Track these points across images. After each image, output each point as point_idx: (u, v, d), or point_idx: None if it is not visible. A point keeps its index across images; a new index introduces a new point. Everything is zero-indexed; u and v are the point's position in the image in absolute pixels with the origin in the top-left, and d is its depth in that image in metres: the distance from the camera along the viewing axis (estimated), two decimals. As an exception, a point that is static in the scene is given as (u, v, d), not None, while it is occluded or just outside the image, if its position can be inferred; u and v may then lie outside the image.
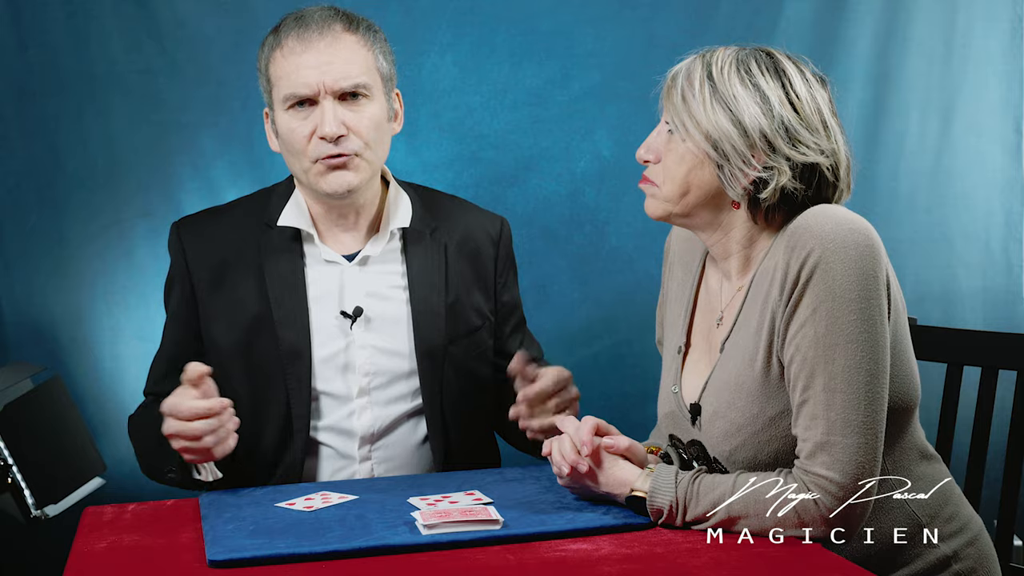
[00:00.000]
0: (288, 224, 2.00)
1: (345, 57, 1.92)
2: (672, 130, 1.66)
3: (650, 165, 1.69)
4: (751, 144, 1.61)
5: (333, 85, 1.90)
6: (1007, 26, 3.12)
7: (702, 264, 1.82)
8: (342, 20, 1.94)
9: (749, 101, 1.61)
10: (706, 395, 1.70)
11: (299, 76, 1.91)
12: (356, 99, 1.93)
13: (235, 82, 2.85)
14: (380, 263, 2.03)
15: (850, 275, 1.54)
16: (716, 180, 1.64)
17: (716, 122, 1.61)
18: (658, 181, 1.68)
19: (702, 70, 1.64)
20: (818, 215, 1.58)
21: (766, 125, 1.61)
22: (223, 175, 2.88)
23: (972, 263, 3.14)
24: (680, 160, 1.65)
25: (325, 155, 1.92)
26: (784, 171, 1.61)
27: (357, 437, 1.99)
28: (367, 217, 2.03)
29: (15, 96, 2.79)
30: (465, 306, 2.06)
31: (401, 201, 2.06)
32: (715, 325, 1.74)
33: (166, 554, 1.55)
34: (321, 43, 1.91)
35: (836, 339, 1.54)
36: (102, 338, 2.84)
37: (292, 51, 1.92)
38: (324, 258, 2.00)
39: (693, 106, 1.63)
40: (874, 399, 1.54)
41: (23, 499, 2.15)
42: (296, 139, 1.93)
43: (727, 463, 1.66)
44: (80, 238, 2.84)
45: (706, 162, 1.63)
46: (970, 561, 1.68)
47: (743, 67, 1.63)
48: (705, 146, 1.62)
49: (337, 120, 1.90)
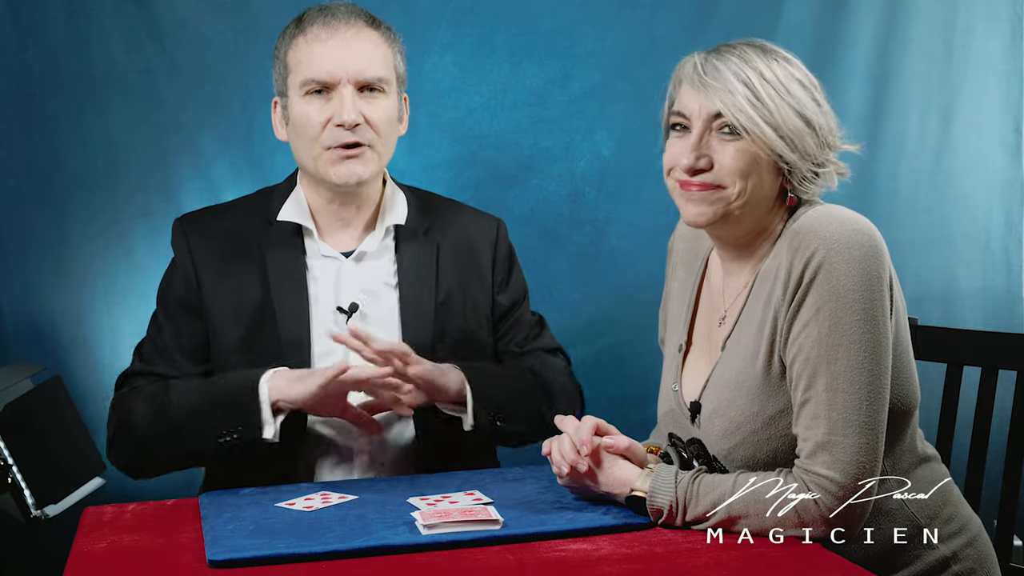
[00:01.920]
0: (288, 219, 2.05)
1: (369, 50, 1.99)
2: (737, 132, 1.61)
3: (703, 173, 1.64)
4: (819, 140, 1.63)
5: (356, 75, 1.96)
6: (1007, 26, 3.12)
7: (704, 263, 1.81)
8: (366, 17, 2.02)
9: (807, 99, 1.62)
10: (706, 393, 1.70)
11: (323, 62, 1.96)
12: (373, 92, 1.99)
13: (235, 82, 2.85)
14: (374, 259, 2.07)
15: (854, 276, 1.54)
16: (778, 177, 1.64)
17: (791, 123, 1.61)
18: (725, 182, 1.63)
19: (750, 70, 1.61)
20: (822, 215, 1.58)
21: (823, 121, 1.63)
22: (223, 175, 2.87)
23: (972, 263, 3.14)
24: (753, 162, 1.62)
25: (340, 143, 1.96)
26: (835, 162, 1.64)
27: (354, 428, 2.00)
28: (365, 214, 2.07)
29: (15, 96, 2.79)
30: (457, 306, 2.07)
31: (397, 199, 2.10)
32: (717, 324, 1.74)
33: (166, 554, 1.55)
34: (348, 33, 1.98)
35: (839, 339, 1.54)
36: (102, 338, 2.84)
37: (317, 38, 1.97)
38: (321, 253, 2.04)
39: (770, 108, 1.60)
40: (876, 399, 1.54)
41: (23, 499, 2.15)
42: (311, 125, 1.97)
43: (725, 461, 1.66)
44: (80, 238, 2.84)
45: (772, 163, 1.63)
46: (969, 562, 1.68)
47: (783, 63, 1.63)
48: (782, 147, 1.61)
49: (356, 109, 1.95)
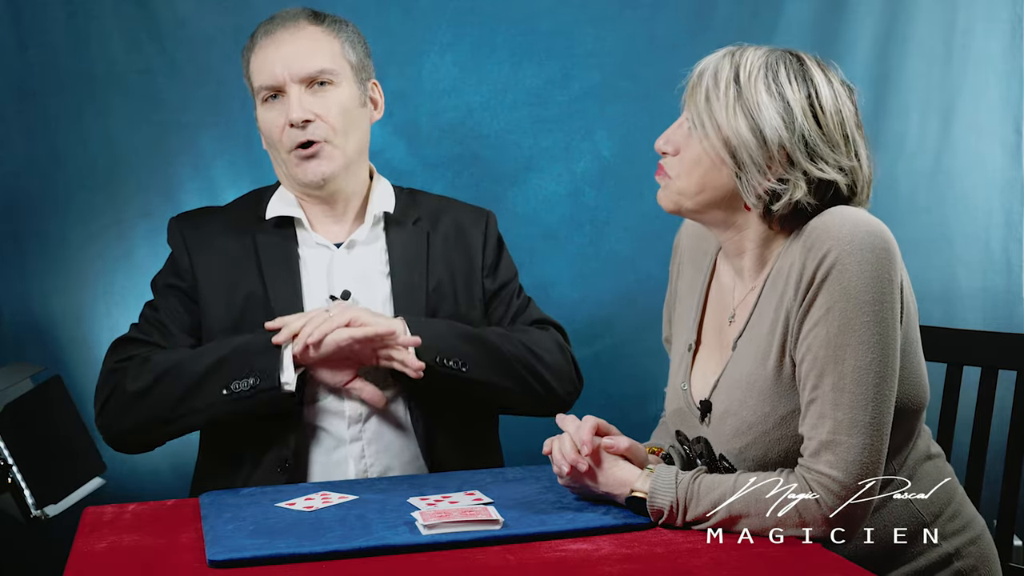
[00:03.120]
0: (277, 214, 2.09)
1: (308, 46, 2.03)
2: (692, 128, 1.65)
3: (667, 157, 1.68)
4: (769, 155, 1.60)
5: (298, 72, 2.01)
6: (1007, 26, 3.12)
7: (713, 261, 1.81)
8: (307, 15, 2.06)
9: (772, 111, 1.60)
10: (717, 393, 1.70)
11: (267, 67, 2.03)
12: (323, 87, 2.03)
13: (235, 82, 2.82)
14: (365, 246, 2.10)
15: (865, 277, 1.54)
16: (732, 182, 1.63)
17: (736, 129, 1.60)
18: (673, 174, 1.67)
19: (730, 71, 1.62)
20: (836, 216, 1.58)
21: (786, 138, 1.59)
22: (223, 175, 2.87)
23: (972, 263, 3.14)
24: (698, 158, 1.64)
25: (296, 143, 2.02)
26: (800, 185, 1.60)
27: (346, 417, 2.02)
28: (354, 208, 2.12)
29: (15, 96, 2.79)
30: (448, 291, 2.10)
31: (383, 189, 2.15)
32: (727, 323, 1.74)
33: (166, 554, 1.55)
34: (285, 35, 2.03)
35: (848, 340, 1.54)
36: (102, 338, 2.84)
37: (262, 47, 2.05)
38: (315, 240, 2.09)
39: (715, 108, 1.62)
40: (882, 401, 1.54)
41: (23, 499, 2.15)
42: (272, 130, 2.05)
43: (736, 461, 1.65)
44: (80, 238, 2.84)
45: (723, 165, 1.63)
46: (971, 559, 1.68)
47: (771, 73, 1.61)
48: (723, 152, 1.62)
49: (303, 106, 2.00)
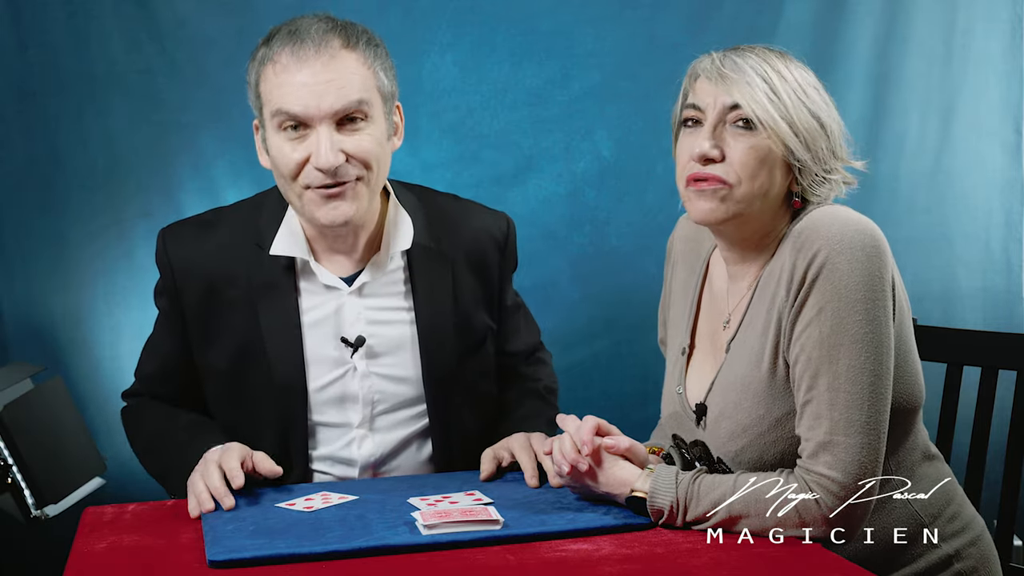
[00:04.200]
0: (282, 253, 1.87)
1: (345, 78, 1.75)
2: (753, 125, 1.59)
3: (714, 164, 1.61)
4: (830, 146, 1.63)
5: (330, 109, 1.74)
6: (1007, 26, 3.13)
7: (706, 264, 1.81)
8: (340, 35, 1.77)
9: (821, 103, 1.63)
10: (712, 396, 1.70)
11: (294, 96, 1.75)
12: (355, 123, 1.78)
13: (235, 82, 2.81)
14: (380, 287, 1.91)
15: (856, 276, 1.54)
16: (788, 181, 1.64)
17: (806, 121, 1.60)
18: (732, 180, 1.61)
19: (769, 68, 1.61)
20: (825, 216, 1.58)
21: (835, 127, 1.63)
22: (223, 175, 2.88)
23: (972, 263, 3.14)
24: (764, 158, 1.60)
25: (321, 183, 1.77)
26: (842, 172, 1.64)
27: (358, 466, 1.92)
28: (366, 235, 1.90)
29: (15, 96, 2.79)
30: (472, 322, 1.97)
31: (401, 220, 1.92)
32: (721, 326, 1.74)
33: (166, 554, 1.55)
34: (317, 63, 1.74)
35: (841, 339, 1.54)
36: (102, 338, 2.84)
37: (286, 68, 1.76)
38: (322, 282, 1.89)
39: (786, 103, 1.60)
40: (877, 399, 1.54)
41: (23, 499, 2.15)
42: (288, 164, 1.78)
43: (732, 464, 1.65)
44: (80, 238, 2.84)
45: (784, 161, 1.62)
46: (971, 561, 1.68)
47: (797, 67, 1.63)
48: (796, 144, 1.60)
49: (335, 149, 1.75)
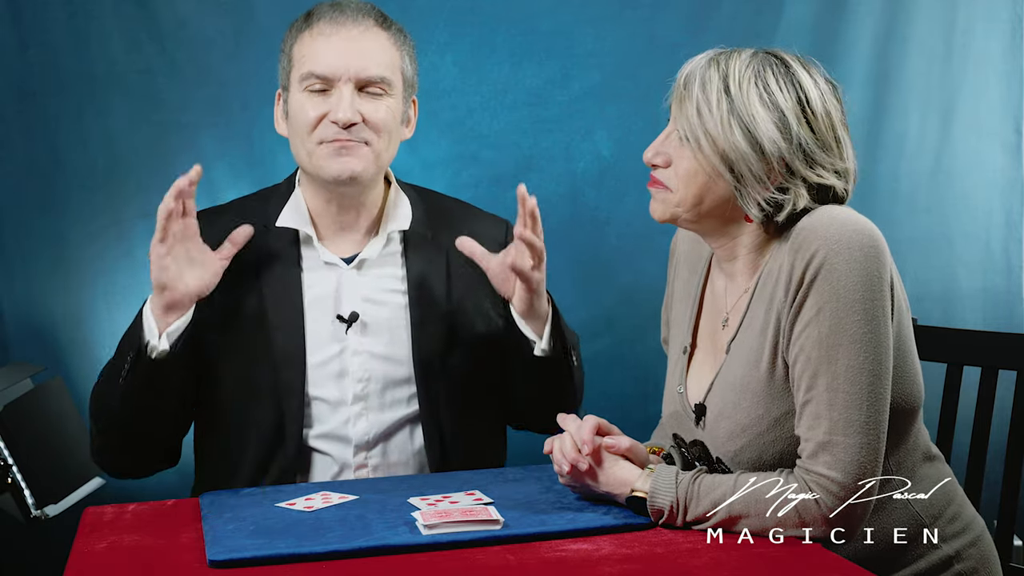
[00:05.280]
0: (287, 225, 1.99)
1: (374, 50, 1.94)
2: (683, 141, 1.63)
3: (659, 168, 1.67)
4: (768, 166, 1.59)
5: (357, 72, 1.91)
6: (1007, 26, 3.13)
7: (708, 265, 1.81)
8: (376, 16, 1.97)
9: (768, 122, 1.58)
10: (711, 396, 1.70)
11: (325, 57, 1.92)
12: (374, 93, 1.94)
13: (235, 82, 2.85)
14: (378, 266, 2.00)
15: (854, 276, 1.54)
16: (730, 193, 1.62)
17: (734, 142, 1.59)
18: (671, 186, 1.65)
19: (719, 81, 1.60)
20: (823, 216, 1.58)
21: (784, 148, 1.59)
22: (223, 175, 2.87)
23: (972, 263, 3.14)
24: (694, 172, 1.63)
25: (333, 137, 1.91)
26: (801, 193, 1.60)
27: (352, 444, 1.95)
28: (367, 217, 2.02)
29: (15, 96, 2.79)
30: (468, 312, 2.02)
31: (401, 203, 2.05)
32: (721, 326, 1.74)
33: (166, 554, 1.55)
34: (355, 31, 1.93)
35: (839, 339, 1.54)
36: (102, 338, 2.84)
37: (322, 33, 1.93)
38: (323, 260, 1.98)
39: (709, 123, 1.60)
40: (877, 399, 1.54)
41: (23, 499, 2.15)
42: (306, 119, 1.93)
43: (732, 464, 1.65)
44: (80, 238, 2.84)
45: (720, 177, 1.62)
46: (972, 561, 1.68)
47: (760, 81, 1.60)
48: (720, 165, 1.60)
49: (353, 108, 1.91)
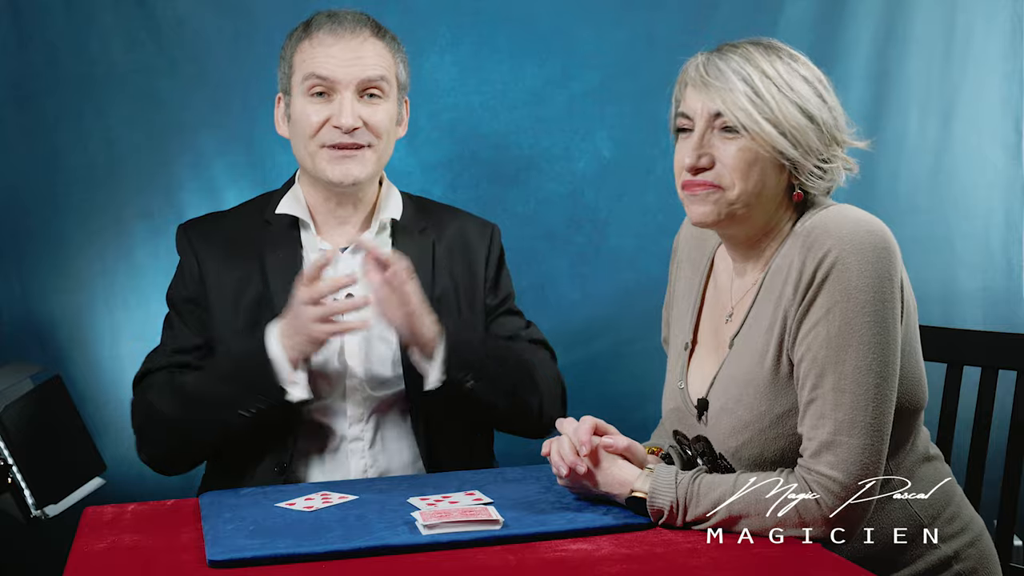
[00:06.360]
0: (285, 212, 2.10)
1: (372, 57, 2.04)
2: (737, 130, 1.61)
3: (703, 171, 1.64)
4: (824, 136, 1.62)
5: (356, 76, 2.02)
6: (1007, 26, 3.12)
7: (710, 261, 1.81)
8: (371, 26, 2.07)
9: (811, 93, 1.62)
10: (714, 390, 1.70)
11: (326, 63, 2.02)
12: (373, 97, 2.04)
13: (235, 82, 2.85)
14: None
15: (866, 277, 1.54)
16: (785, 176, 1.64)
17: (795, 119, 1.60)
18: (724, 183, 1.63)
19: (751, 67, 1.61)
20: (836, 215, 1.59)
21: (828, 116, 1.62)
22: (223, 175, 2.87)
23: (972, 263, 3.14)
24: (752, 160, 1.62)
25: (336, 143, 2.02)
26: (845, 159, 1.64)
27: (347, 417, 2.03)
28: (362, 212, 2.12)
29: (15, 96, 2.79)
30: (452, 302, 2.10)
31: (392, 197, 2.15)
32: (724, 321, 1.74)
33: (166, 554, 1.55)
34: (353, 40, 2.03)
35: (848, 340, 1.54)
36: (102, 338, 2.84)
37: (322, 42, 2.03)
38: (319, 247, 2.08)
39: (769, 105, 1.60)
40: (882, 401, 1.54)
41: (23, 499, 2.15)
42: (309, 124, 2.03)
43: (732, 459, 1.66)
44: (80, 238, 2.84)
45: (775, 160, 1.62)
46: (971, 561, 1.68)
47: (783, 61, 1.62)
48: (783, 144, 1.61)
49: (354, 113, 2.01)
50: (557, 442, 1.68)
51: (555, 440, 1.69)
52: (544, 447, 1.71)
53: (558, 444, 1.68)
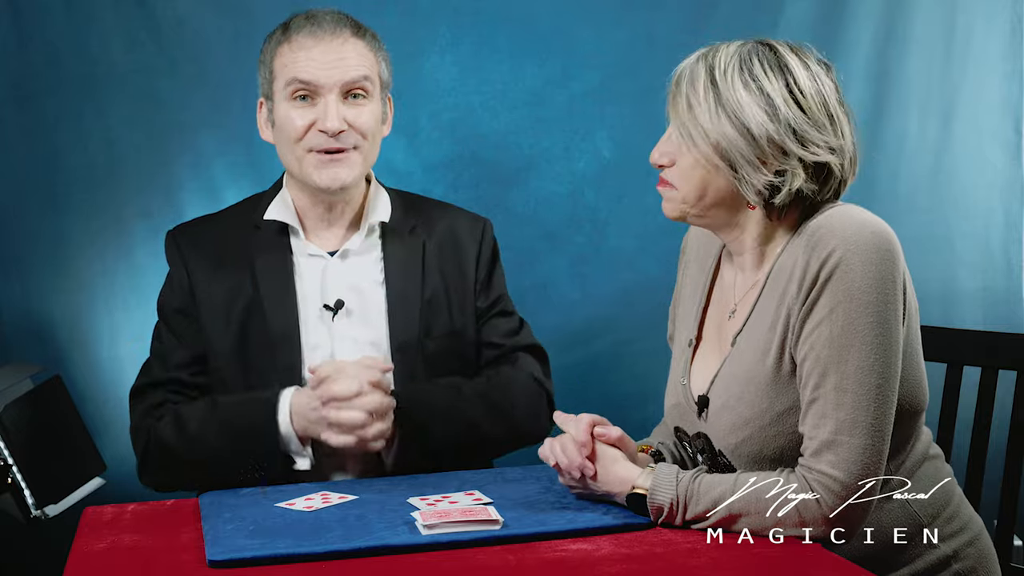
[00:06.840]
0: (274, 217, 2.08)
1: (353, 57, 2.01)
2: (680, 137, 1.65)
3: (666, 168, 1.69)
4: (760, 151, 1.60)
5: (339, 79, 1.99)
6: (1007, 26, 3.12)
7: (717, 260, 1.82)
8: (351, 26, 2.04)
9: (754, 106, 1.59)
10: (715, 387, 1.70)
11: (308, 66, 1.99)
12: (356, 98, 2.02)
13: (235, 82, 2.85)
14: (360, 255, 2.09)
15: (869, 277, 1.54)
16: (730, 182, 1.63)
17: (723, 131, 1.60)
18: (676, 184, 1.67)
19: (705, 75, 1.62)
20: (840, 216, 1.59)
21: (773, 130, 1.59)
22: (223, 175, 2.88)
23: (972, 263, 3.14)
24: (693, 166, 1.65)
25: (322, 147, 2.00)
26: (798, 173, 1.61)
27: None
28: (350, 213, 2.10)
29: (15, 96, 2.79)
30: (443, 302, 2.09)
31: (380, 197, 2.14)
32: (727, 318, 1.74)
33: (166, 554, 1.55)
34: (334, 42, 2.00)
35: (851, 340, 1.54)
36: (102, 338, 2.84)
37: (302, 46, 2.00)
38: (308, 252, 2.07)
39: (699, 115, 1.62)
40: (883, 401, 1.54)
41: (23, 499, 2.15)
42: (294, 129, 2.01)
43: (732, 456, 1.66)
44: (80, 238, 2.84)
45: (718, 168, 1.63)
46: (970, 561, 1.68)
47: (746, 68, 1.61)
48: (713, 156, 1.62)
49: (339, 116, 1.99)
50: (559, 442, 1.68)
51: (556, 440, 1.69)
52: (544, 447, 1.70)
53: (561, 443, 1.68)
